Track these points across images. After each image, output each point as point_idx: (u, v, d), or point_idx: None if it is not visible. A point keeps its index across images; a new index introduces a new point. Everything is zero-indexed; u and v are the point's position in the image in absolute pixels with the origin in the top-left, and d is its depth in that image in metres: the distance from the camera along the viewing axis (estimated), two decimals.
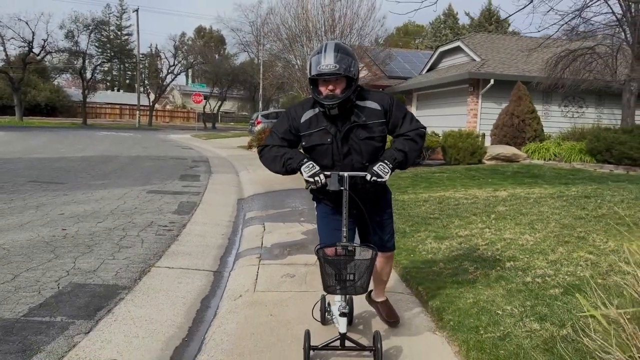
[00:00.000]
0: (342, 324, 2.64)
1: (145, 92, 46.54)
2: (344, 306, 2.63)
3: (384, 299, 3.24)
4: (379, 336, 2.62)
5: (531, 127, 13.74)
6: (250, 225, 6.35)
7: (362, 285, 2.54)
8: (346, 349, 2.67)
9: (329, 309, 3.02)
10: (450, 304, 3.37)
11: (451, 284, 3.73)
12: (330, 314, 2.99)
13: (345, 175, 2.64)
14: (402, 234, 5.24)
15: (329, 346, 2.67)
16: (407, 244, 4.92)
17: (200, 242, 5.48)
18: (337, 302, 2.69)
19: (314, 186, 2.64)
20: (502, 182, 9.20)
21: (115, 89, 69.90)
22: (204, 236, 5.75)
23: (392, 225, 3.03)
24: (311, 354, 2.65)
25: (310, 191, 2.87)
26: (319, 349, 2.67)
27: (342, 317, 2.64)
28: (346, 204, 2.61)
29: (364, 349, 2.70)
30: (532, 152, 13.11)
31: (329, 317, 3.05)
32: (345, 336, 2.65)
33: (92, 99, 45.30)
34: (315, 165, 2.65)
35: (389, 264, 3.13)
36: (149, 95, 45.92)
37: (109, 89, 67.75)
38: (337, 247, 2.58)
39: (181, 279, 4.21)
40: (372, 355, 2.65)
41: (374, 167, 2.64)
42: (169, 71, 43.01)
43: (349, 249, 2.55)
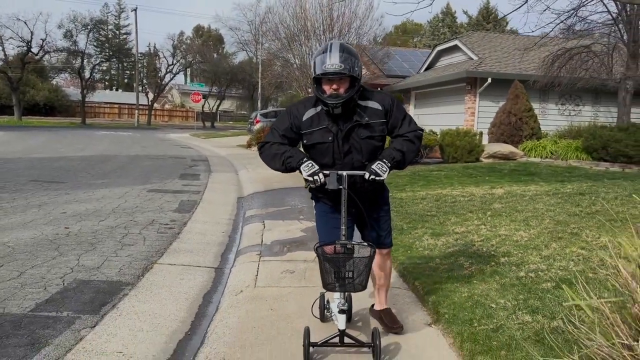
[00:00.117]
0: (342, 320, 2.68)
1: (143, 91, 46.57)
2: (343, 303, 2.67)
3: (385, 307, 3.17)
4: (377, 333, 2.67)
5: (528, 125, 13.84)
6: (250, 223, 6.44)
7: (361, 282, 2.58)
8: (345, 345, 2.72)
9: (327, 306, 3.07)
10: (445, 298, 3.47)
11: (447, 278, 3.83)
12: (329, 311, 3.03)
13: (344, 174, 2.67)
14: (400, 231, 5.33)
15: (328, 343, 2.71)
16: (405, 240, 5.01)
17: (201, 239, 5.57)
18: (336, 300, 2.73)
19: (313, 185, 2.67)
20: (499, 179, 9.30)
21: (113, 88, 69.88)
22: (205, 234, 5.84)
23: (389, 222, 3.05)
24: (311, 350, 2.68)
25: (309, 190, 2.91)
26: (319, 346, 2.70)
27: (341, 314, 2.68)
28: (345, 202, 2.65)
29: (363, 345, 2.74)
30: (529, 150, 13.22)
31: (328, 314, 3.09)
32: (344, 333, 2.69)
33: (91, 98, 45.32)
34: (314, 164, 2.68)
35: (387, 262, 3.11)
36: (148, 94, 45.95)
37: (108, 89, 67.72)
38: (336, 245, 2.62)
39: (183, 276, 4.31)
40: (371, 351, 2.70)
41: (372, 166, 2.68)
42: (168, 70, 43.07)
43: (347, 247, 2.59)
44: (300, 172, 2.70)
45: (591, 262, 3.95)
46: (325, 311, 3.14)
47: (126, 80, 72.57)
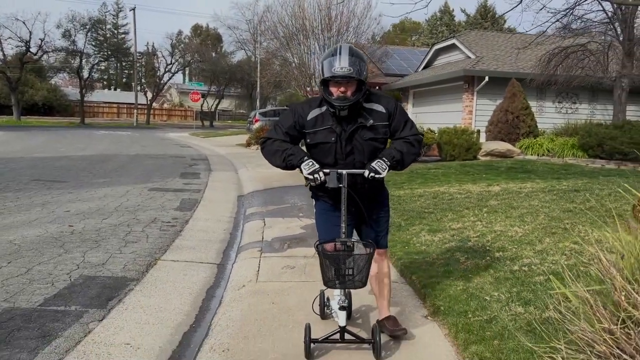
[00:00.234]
0: (342, 317, 2.72)
1: (142, 90, 46.62)
2: (344, 300, 2.72)
3: (388, 315, 3.10)
4: (377, 329, 2.72)
5: (525, 123, 13.96)
6: (250, 220, 6.55)
7: (361, 279, 2.62)
8: (346, 341, 2.76)
9: (327, 303, 3.12)
10: (441, 291, 3.58)
11: (443, 273, 3.94)
12: (329, 308, 3.08)
13: (343, 172, 2.71)
14: (398, 228, 5.45)
15: (329, 339, 2.75)
16: (402, 236, 5.13)
17: (203, 237, 5.68)
18: (336, 297, 2.77)
19: (314, 183, 2.71)
20: (496, 177, 9.42)
21: (112, 87, 69.90)
22: (207, 231, 5.95)
23: (387, 223, 3.07)
24: (312, 346, 2.72)
25: (309, 189, 2.95)
26: (320, 342, 2.75)
27: (341, 311, 2.72)
28: (344, 200, 2.69)
29: (363, 341, 2.79)
30: (525, 147, 13.34)
31: (328, 311, 3.14)
32: (345, 329, 2.73)
33: (90, 98, 45.36)
34: (315, 163, 2.71)
35: (385, 262, 3.08)
36: (146, 93, 45.99)
37: (106, 88, 67.74)
38: (337, 243, 2.65)
39: (186, 271, 4.42)
40: (371, 347, 2.74)
41: (372, 164, 2.72)
42: (166, 70, 43.12)
43: (347, 245, 2.64)
44: (300, 170, 2.74)
45: (583, 256, 4.06)
46: (325, 308, 3.19)
47: (124, 79, 72.58)
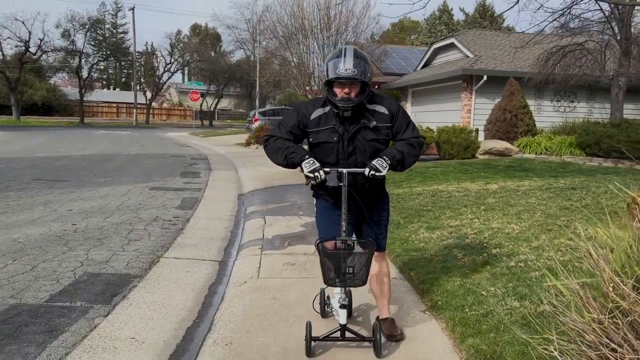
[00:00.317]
0: (342, 315, 2.75)
1: (141, 90, 46.65)
2: (344, 298, 2.75)
3: (386, 316, 3.14)
4: (378, 327, 2.76)
5: (523, 121, 14.04)
6: (251, 219, 6.62)
7: (361, 278, 2.65)
8: (346, 339, 2.79)
9: (328, 301, 3.15)
10: (439, 286, 3.66)
11: (441, 269, 4.02)
12: (329, 306, 3.11)
13: (344, 171, 2.73)
14: (397, 225, 5.53)
15: (329, 337, 2.79)
16: (401, 234, 5.20)
17: (204, 235, 5.76)
18: (336, 295, 2.81)
19: (314, 182, 2.72)
20: (494, 175, 9.50)
21: (111, 87, 69.89)
22: (208, 229, 6.02)
23: (387, 226, 3.10)
24: (312, 344, 2.76)
25: (310, 187, 2.98)
26: (320, 340, 2.79)
27: (342, 309, 2.75)
28: (345, 199, 2.72)
29: (364, 339, 2.83)
30: (524, 146, 13.43)
31: (328, 309, 3.17)
32: (345, 327, 2.76)
33: (89, 97, 45.33)
34: (315, 161, 2.72)
35: (384, 263, 3.11)
36: (146, 93, 46.02)
37: (105, 88, 67.74)
38: (337, 241, 2.68)
39: (189, 268, 4.50)
40: (371, 345, 2.79)
41: (372, 162, 2.74)
42: (166, 69, 43.14)
43: (348, 243, 2.67)
44: (301, 168, 2.76)
45: (577, 252, 4.14)
46: (325, 307, 3.22)
47: (124, 79, 72.60)
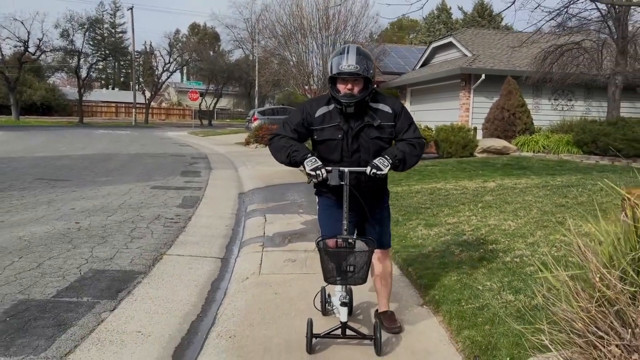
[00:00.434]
0: (343, 313, 2.77)
1: (140, 89, 46.70)
2: (345, 296, 2.78)
3: (386, 310, 3.22)
4: (378, 325, 2.80)
5: (521, 120, 14.14)
6: (252, 217, 6.71)
7: (362, 276, 2.68)
8: (347, 337, 2.81)
9: (329, 299, 3.17)
10: (436, 281, 3.76)
11: (438, 264, 4.11)
12: (330, 304, 3.12)
13: (345, 170, 2.76)
14: (395, 223, 5.61)
15: (330, 334, 2.80)
16: (400, 231, 5.29)
17: (206, 232, 5.85)
18: (337, 293, 2.86)
19: (316, 180, 2.75)
20: (492, 173, 9.60)
21: (110, 87, 69.92)
22: (209, 227, 6.11)
23: (389, 224, 3.15)
24: (314, 341, 2.79)
25: (313, 185, 3.04)
26: (321, 337, 2.81)
27: (343, 307, 2.77)
28: (347, 198, 2.75)
29: (364, 337, 2.86)
30: (521, 144, 13.53)
31: (329, 307, 3.19)
32: (346, 325, 2.78)
33: (88, 97, 45.38)
34: (317, 160, 2.75)
35: (386, 263, 3.15)
36: (145, 93, 46.07)
37: (104, 87, 67.76)
38: (338, 239, 2.71)
39: (191, 265, 4.59)
40: (372, 343, 2.82)
41: (374, 161, 2.77)
42: (165, 69, 43.20)
43: (349, 241, 2.69)
44: (303, 166, 2.79)
45: (571, 248, 4.24)
46: (326, 305, 3.24)
47: (122, 78, 72.62)
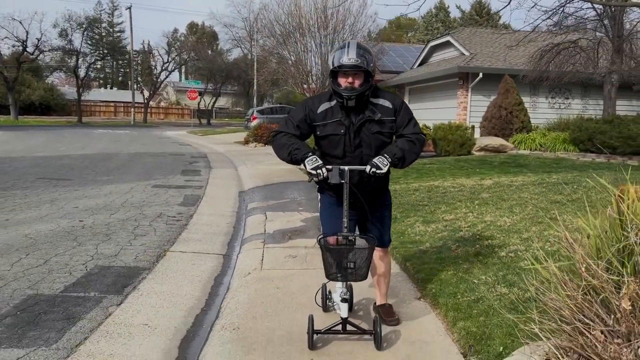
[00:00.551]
0: (344, 309, 2.82)
1: (139, 89, 46.74)
2: (345, 292, 2.81)
3: (384, 303, 3.29)
4: (378, 321, 2.84)
5: (518, 118, 14.27)
6: (252, 214, 6.82)
7: (362, 272, 2.73)
8: (348, 332, 2.87)
9: (329, 296, 3.24)
10: (433, 275, 3.87)
11: (435, 260, 4.23)
12: (331, 301, 3.20)
13: (345, 169, 2.80)
14: (393, 220, 5.63)
15: (331, 330, 2.85)
16: (398, 228, 5.40)
17: (207, 230, 5.96)
18: (338, 289, 2.91)
19: (316, 178, 2.79)
20: (489, 171, 9.72)
21: (108, 86, 69.92)
22: (211, 225, 6.22)
23: (390, 223, 3.23)
24: (315, 337, 2.83)
25: (315, 183, 3.09)
26: (322, 333, 2.86)
27: (343, 303, 2.81)
28: (347, 196, 2.78)
29: (364, 332, 2.91)
30: (518, 142, 13.66)
31: (329, 304, 3.25)
32: (346, 321, 2.83)
33: (86, 97, 45.42)
34: (318, 159, 2.78)
35: (385, 260, 3.22)
36: (143, 92, 46.10)
37: (102, 87, 67.77)
38: (339, 237, 2.75)
39: (194, 261, 4.70)
40: (372, 338, 2.87)
41: (373, 160, 2.80)
42: (163, 68, 43.24)
43: (349, 239, 2.73)
44: (304, 165, 2.81)
45: (564, 243, 4.35)
46: (327, 301, 3.30)
47: (121, 78, 72.62)
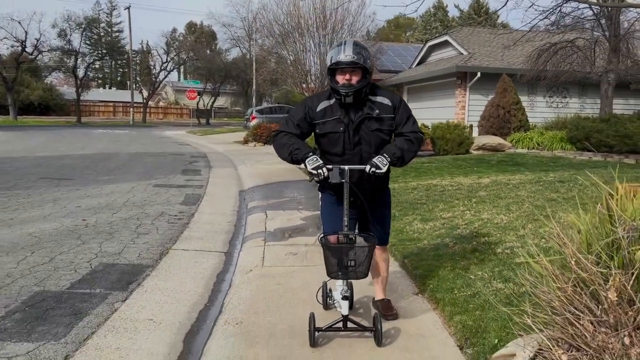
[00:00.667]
0: (345, 306, 2.85)
1: (138, 89, 46.77)
2: (346, 290, 2.85)
3: (383, 297, 3.34)
4: (378, 318, 2.88)
5: (516, 117, 14.37)
6: (253, 213, 6.91)
7: (363, 270, 2.77)
8: (349, 329, 2.90)
9: (330, 294, 3.29)
10: (430, 271, 3.96)
11: (433, 256, 4.32)
12: (332, 299, 3.26)
13: (345, 168, 2.84)
14: (392, 218, 5.70)
15: (332, 327, 2.88)
16: (396, 226, 5.49)
17: (209, 228, 6.04)
18: (339, 287, 2.98)
19: (317, 178, 2.82)
20: (487, 170, 9.82)
21: (107, 86, 69.93)
22: (212, 223, 6.31)
23: (389, 223, 3.30)
24: (316, 334, 2.86)
25: (316, 182, 3.13)
26: (324, 330, 2.89)
27: (344, 300, 2.85)
28: (347, 195, 2.82)
29: (365, 329, 2.94)
30: (516, 141, 13.75)
31: (330, 302, 3.31)
32: (347, 318, 2.87)
33: (85, 97, 45.46)
34: (318, 159, 2.82)
35: (384, 256, 3.28)
36: (142, 92, 46.14)
37: (101, 87, 67.78)
38: (339, 236, 2.80)
39: (197, 259, 4.78)
40: (372, 335, 2.90)
41: (373, 159, 2.83)
42: (162, 68, 43.27)
43: (350, 237, 2.77)
44: (305, 165, 2.84)
45: (559, 239, 4.45)
46: (327, 299, 3.34)
47: (119, 78, 72.62)
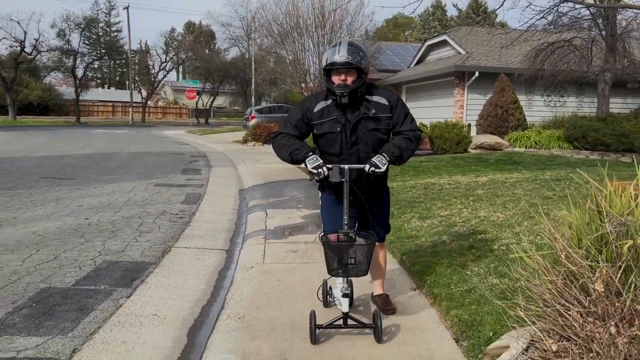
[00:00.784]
0: (345, 304, 2.88)
1: (137, 88, 46.82)
2: (346, 288, 2.89)
3: (381, 292, 3.41)
4: (378, 315, 2.92)
5: (514, 116, 14.46)
6: (253, 212, 6.99)
7: (363, 268, 2.80)
8: (349, 327, 2.93)
9: (330, 292, 3.32)
10: (428, 268, 4.05)
11: (430, 253, 4.41)
12: (332, 296, 3.28)
13: (345, 167, 2.87)
14: (390, 216, 5.83)
15: (333, 325, 2.91)
16: (394, 224, 5.56)
17: (210, 227, 6.13)
18: (339, 285, 3.02)
19: (317, 177, 2.86)
20: (485, 168, 9.91)
21: (106, 86, 69.94)
22: (213, 222, 6.39)
23: (388, 219, 3.37)
24: (317, 332, 2.89)
25: (316, 181, 3.19)
26: (324, 328, 2.92)
27: (344, 298, 2.88)
28: (347, 194, 2.85)
29: (365, 326, 2.97)
30: (514, 140, 13.85)
31: (330, 299, 3.33)
32: (348, 315, 2.89)
33: (84, 96, 45.49)
34: (318, 158, 2.85)
35: (382, 252, 3.34)
36: (141, 92, 46.18)
37: (100, 87, 67.79)
38: (339, 234, 2.83)
39: (198, 256, 4.87)
40: (372, 332, 2.94)
41: (372, 159, 2.86)
42: (161, 67, 43.31)
43: (350, 236, 2.81)
44: (305, 164, 2.88)
45: (548, 233, 4.54)
46: (328, 297, 3.37)
47: (118, 77, 72.64)
